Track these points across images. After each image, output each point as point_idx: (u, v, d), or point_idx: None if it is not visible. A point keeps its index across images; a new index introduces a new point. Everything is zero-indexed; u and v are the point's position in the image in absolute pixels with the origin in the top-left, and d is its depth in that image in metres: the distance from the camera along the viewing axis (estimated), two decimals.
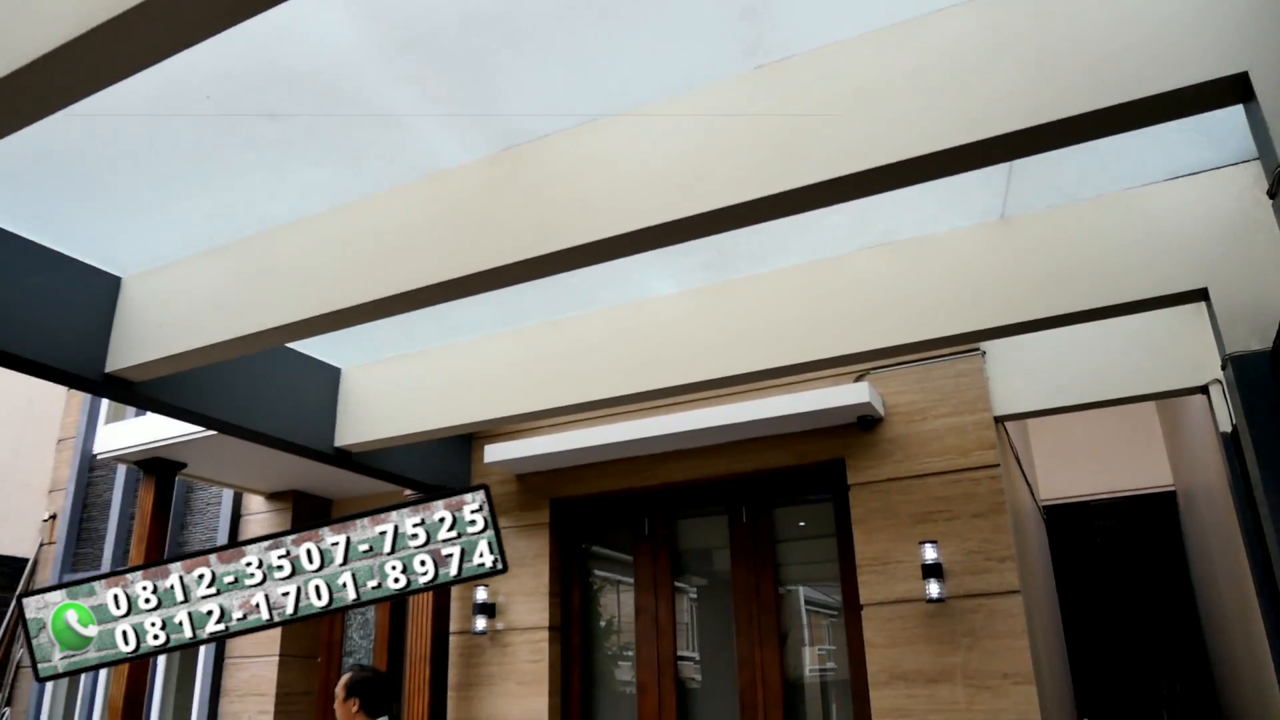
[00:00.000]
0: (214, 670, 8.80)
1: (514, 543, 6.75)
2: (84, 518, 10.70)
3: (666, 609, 6.41)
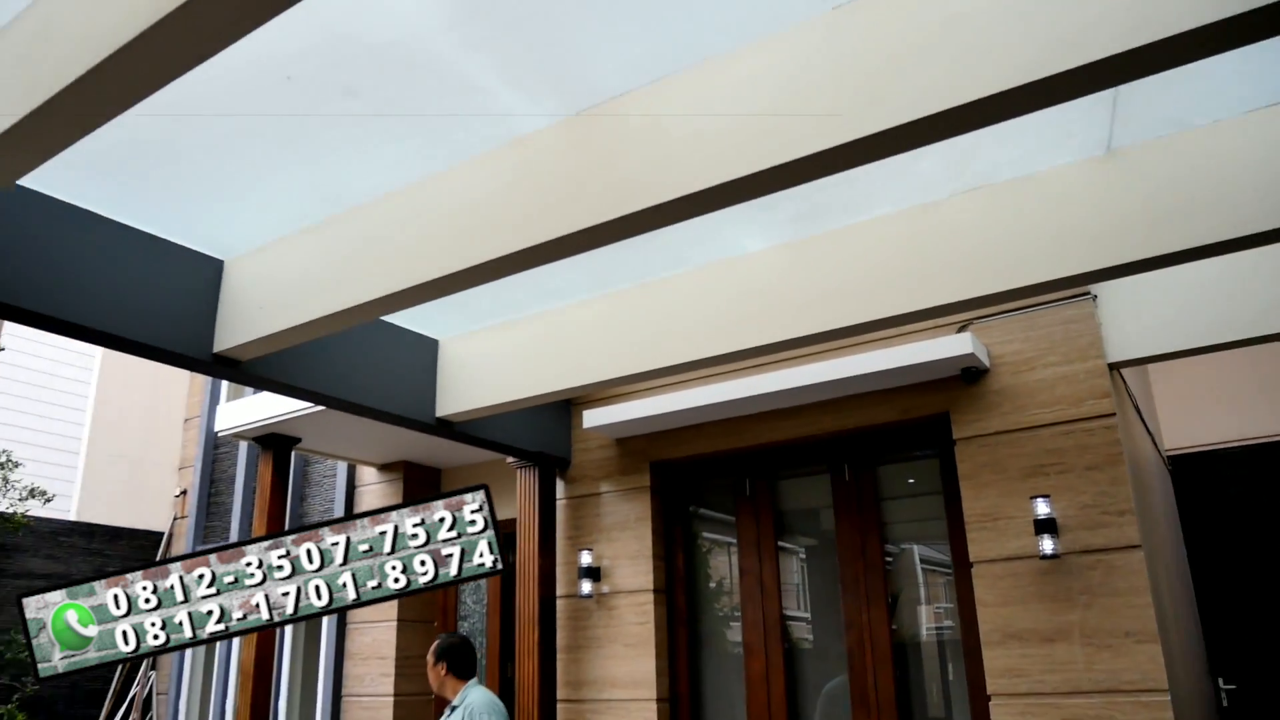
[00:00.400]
0: (338, 635, 9.17)
1: (615, 506, 6.79)
2: (211, 492, 11.24)
3: (771, 570, 6.35)
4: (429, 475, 9.51)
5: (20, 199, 3.99)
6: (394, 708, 8.63)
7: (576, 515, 6.96)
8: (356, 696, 8.94)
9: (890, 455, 6.21)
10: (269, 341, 4.50)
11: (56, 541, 10.57)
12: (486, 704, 4.35)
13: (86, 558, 10.77)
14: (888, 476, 6.21)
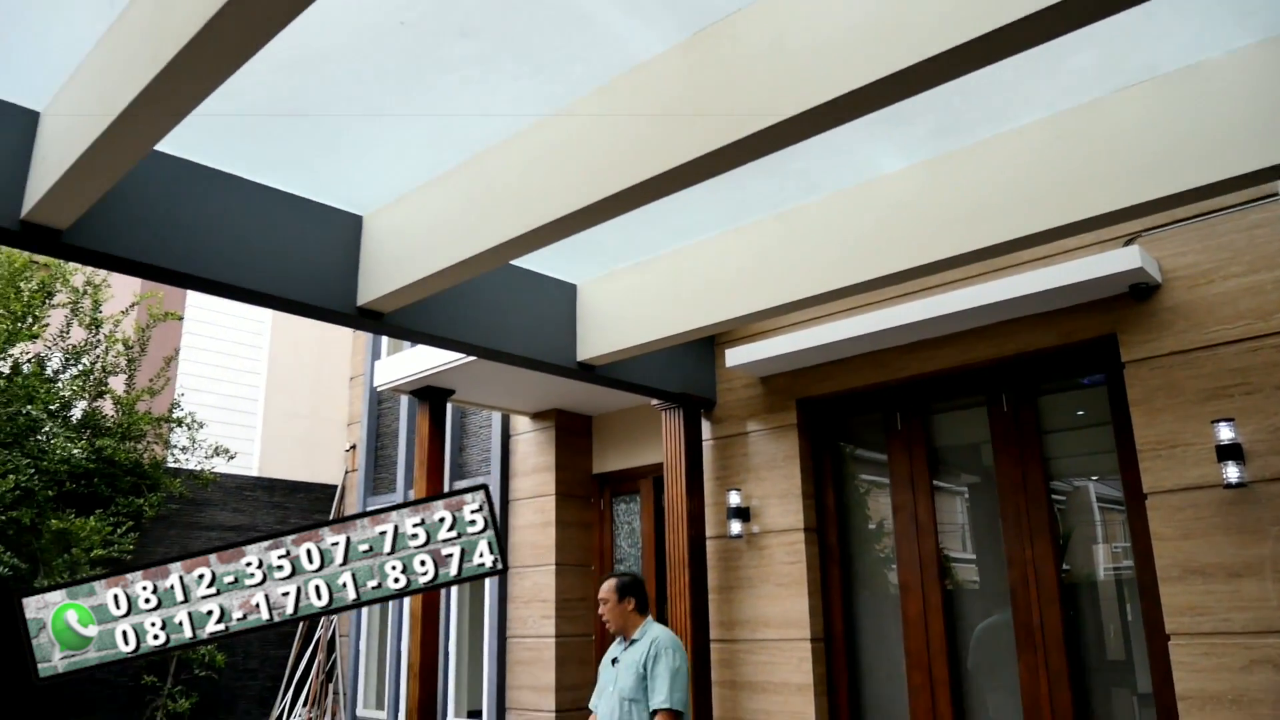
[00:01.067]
0: (500, 580, 9.47)
1: (762, 445, 6.68)
2: (378, 446, 11.77)
3: (926, 506, 6.12)
4: (580, 422, 9.65)
5: (165, 165, 4.18)
6: (556, 648, 8.88)
7: (724, 455, 6.89)
8: (520, 638, 9.24)
9: (1052, 382, 5.84)
10: (408, 292, 4.59)
11: (242, 496, 11.34)
12: (674, 640, 4.44)
13: (269, 510, 11.52)
14: (1049, 405, 5.84)
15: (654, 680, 4.24)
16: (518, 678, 9.16)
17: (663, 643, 4.37)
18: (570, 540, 9.29)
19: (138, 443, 9.75)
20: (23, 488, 7.87)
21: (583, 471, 9.59)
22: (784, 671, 6.21)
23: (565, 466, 9.44)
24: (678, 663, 4.31)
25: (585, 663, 9.06)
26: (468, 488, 2.69)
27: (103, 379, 9.49)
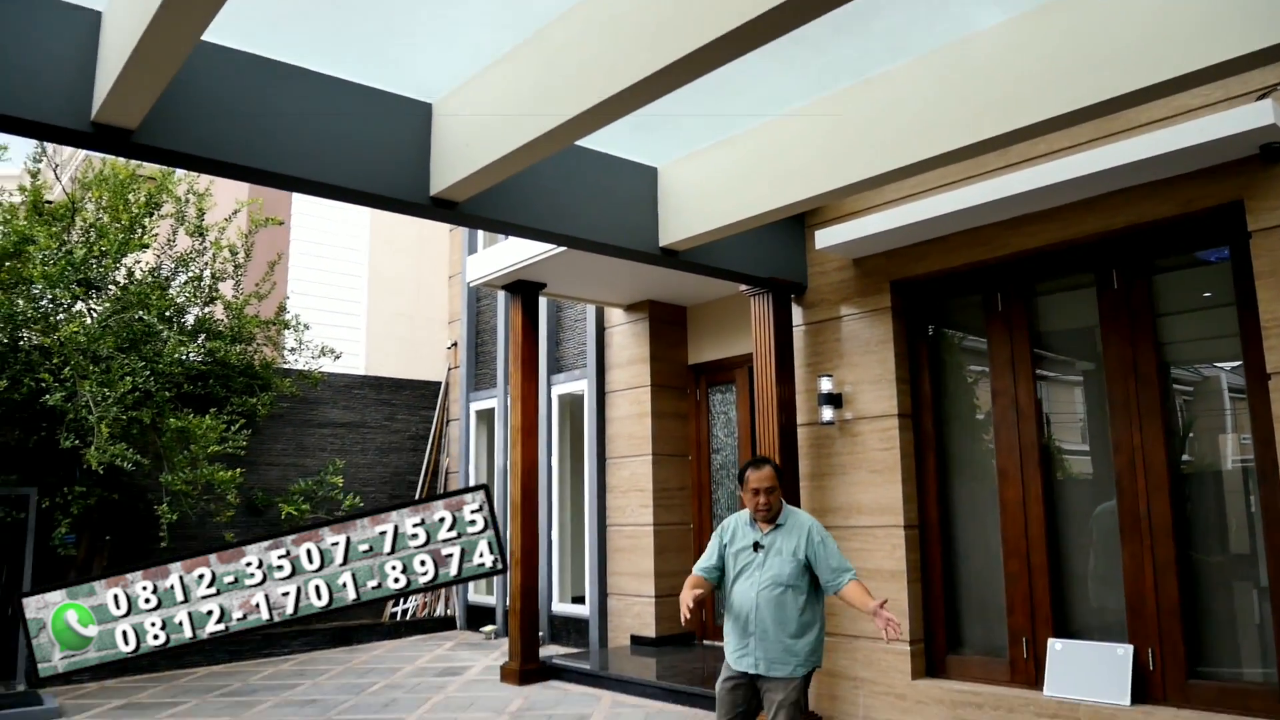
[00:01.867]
0: (598, 470, 9.59)
1: (855, 330, 6.46)
2: (478, 342, 11.95)
3: (1027, 391, 5.84)
4: (674, 313, 9.55)
5: (231, 60, 4.13)
6: (654, 536, 9.00)
7: (815, 341, 6.70)
8: (620, 526, 9.39)
9: (1168, 256, 5.42)
10: (481, 178, 4.50)
11: (350, 394, 11.70)
12: (816, 521, 4.35)
13: (377, 407, 11.87)
14: (1164, 281, 5.44)
15: (830, 558, 4.21)
16: (618, 565, 9.35)
17: (817, 525, 4.33)
18: (666, 431, 9.31)
19: (248, 345, 10.09)
20: (141, 389, 8.24)
21: (678, 363, 9.53)
22: (877, 558, 6.12)
23: (660, 358, 9.39)
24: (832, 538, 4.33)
25: (684, 550, 9.16)
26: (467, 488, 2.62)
27: (213, 285, 9.80)
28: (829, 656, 6.30)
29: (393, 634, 10.91)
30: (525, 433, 8.57)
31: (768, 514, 4.28)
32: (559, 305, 10.62)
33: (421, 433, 12.25)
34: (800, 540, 4.23)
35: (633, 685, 7.55)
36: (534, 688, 7.99)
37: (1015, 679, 5.69)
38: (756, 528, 4.33)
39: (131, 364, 8.14)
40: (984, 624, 5.99)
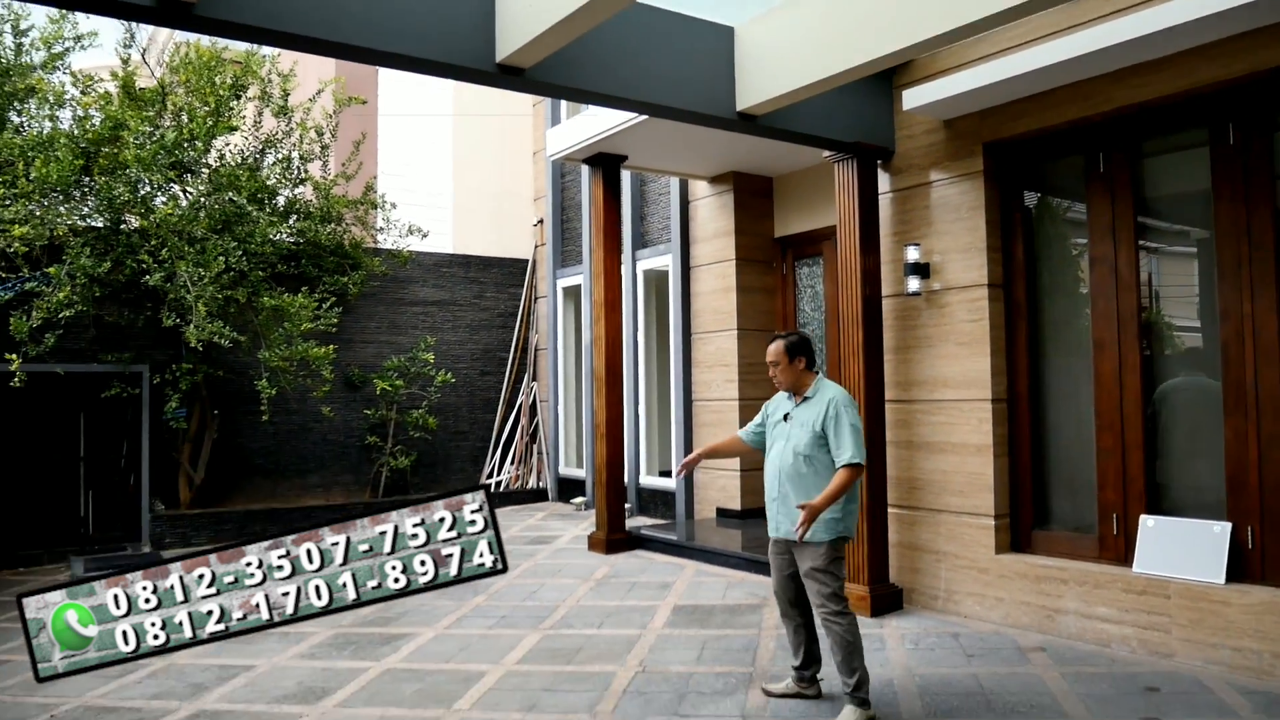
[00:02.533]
0: (684, 345, 9.55)
1: (945, 196, 6.14)
2: (563, 219, 11.88)
3: (1128, 257, 5.48)
4: (759, 184, 9.26)
5: None
6: (739, 410, 8.97)
7: (902, 209, 6.41)
8: (705, 401, 9.38)
9: None
10: (546, 41, 4.33)
11: (439, 272, 11.82)
12: (848, 396, 4.40)
13: (466, 285, 11.99)
14: None
15: (838, 438, 4.26)
16: (704, 439, 9.38)
17: (840, 401, 4.34)
18: (752, 305, 9.16)
19: (337, 225, 10.24)
20: (235, 269, 8.47)
21: (763, 235, 9.29)
22: (962, 432, 5.96)
23: (745, 231, 9.17)
24: (856, 419, 4.32)
25: None
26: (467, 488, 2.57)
27: (301, 166, 9.91)
28: (910, 530, 6.24)
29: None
30: (608, 307, 8.55)
31: (781, 386, 4.50)
32: (643, 179, 10.42)
33: (510, 310, 12.37)
34: (820, 413, 4.33)
35: (715, 555, 7.66)
36: (620, 556, 8.20)
37: (1103, 555, 5.54)
38: (791, 400, 4.49)
39: (224, 245, 8.34)
40: (1072, 500, 5.82)
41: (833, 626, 4.23)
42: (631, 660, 5.26)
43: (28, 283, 8.13)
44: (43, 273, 8.13)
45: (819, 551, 4.26)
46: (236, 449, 10.27)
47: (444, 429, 11.59)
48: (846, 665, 4.22)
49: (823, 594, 4.27)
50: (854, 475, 4.19)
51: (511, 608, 6.59)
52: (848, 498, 4.29)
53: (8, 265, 8.16)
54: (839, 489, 4.15)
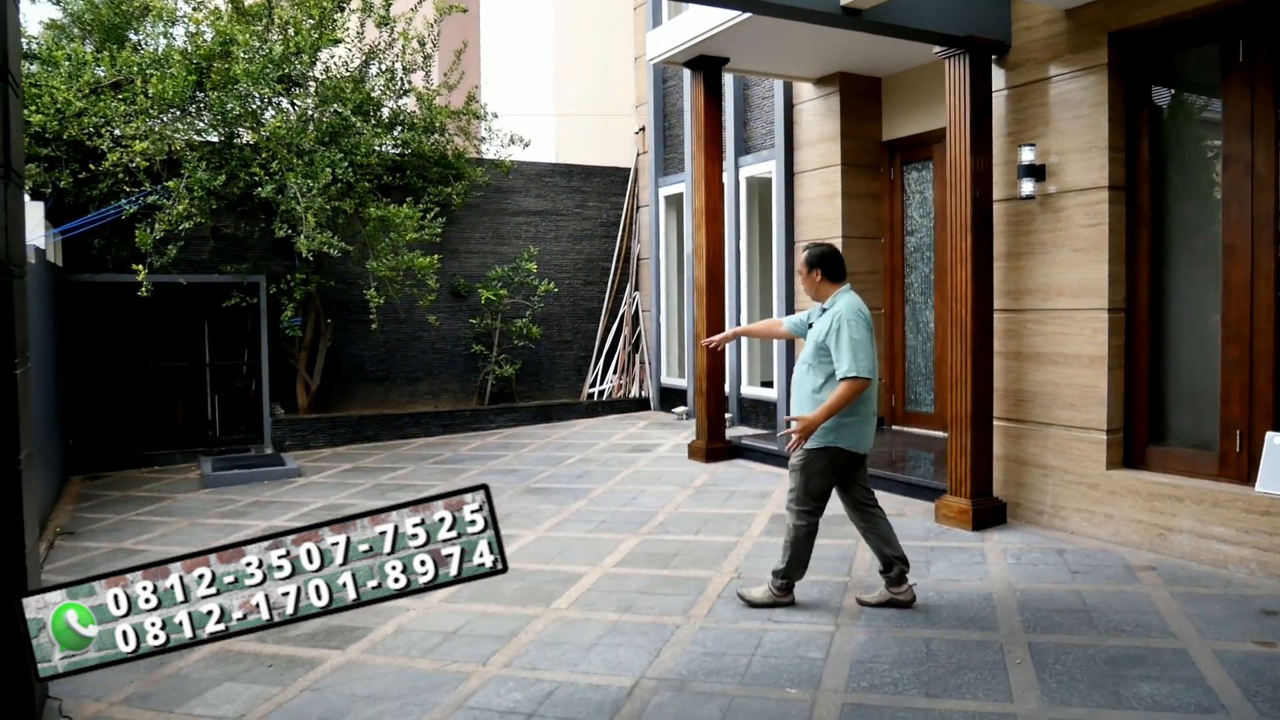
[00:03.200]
0: (786, 254, 9.37)
1: (1064, 92, 5.76)
2: (665, 126, 11.68)
3: (1267, 156, 5.06)
4: (867, 86, 8.88)
5: None
6: None
7: (1017, 108, 6.06)
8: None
9: None
10: None
11: (542, 182, 11.81)
12: (855, 309, 4.43)
13: (568, 194, 11.96)
14: None
15: (837, 351, 4.33)
16: None
17: (845, 314, 4.39)
18: (858, 211, 8.89)
19: (440, 135, 10.30)
20: (342, 180, 8.63)
21: (870, 139, 8.95)
22: (1075, 343, 5.70)
23: (852, 135, 8.84)
24: (857, 332, 4.34)
25: (876, 337, 8.91)
26: (467, 488, 2.53)
27: (404, 77, 9.95)
28: (1016, 443, 6.06)
29: (590, 413, 11.46)
30: (709, 216, 8.42)
31: (809, 297, 4.65)
32: (746, 83, 10.13)
33: (612, 219, 12.32)
34: (826, 325, 4.42)
35: None
36: (719, 465, 8.24)
37: (1223, 473, 5.27)
38: (819, 309, 4.62)
39: (331, 156, 8.49)
40: (1192, 415, 5.53)
41: (788, 519, 4.54)
42: (727, 566, 5.31)
43: (149, 196, 8.46)
44: (163, 187, 8.45)
45: (803, 455, 4.45)
46: (350, 357, 10.64)
47: (547, 338, 11.74)
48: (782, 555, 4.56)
49: (790, 494, 4.54)
50: (851, 389, 4.25)
51: (611, 513, 6.71)
52: (846, 411, 4.34)
53: (131, 180, 8.50)
54: (833, 403, 4.26)
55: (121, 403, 9.47)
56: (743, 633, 4.31)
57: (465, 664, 4.09)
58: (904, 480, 6.80)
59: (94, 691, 3.91)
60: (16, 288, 3.65)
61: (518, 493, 7.54)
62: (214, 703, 3.80)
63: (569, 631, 4.43)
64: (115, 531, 6.83)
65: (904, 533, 5.81)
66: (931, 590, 4.79)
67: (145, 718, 3.70)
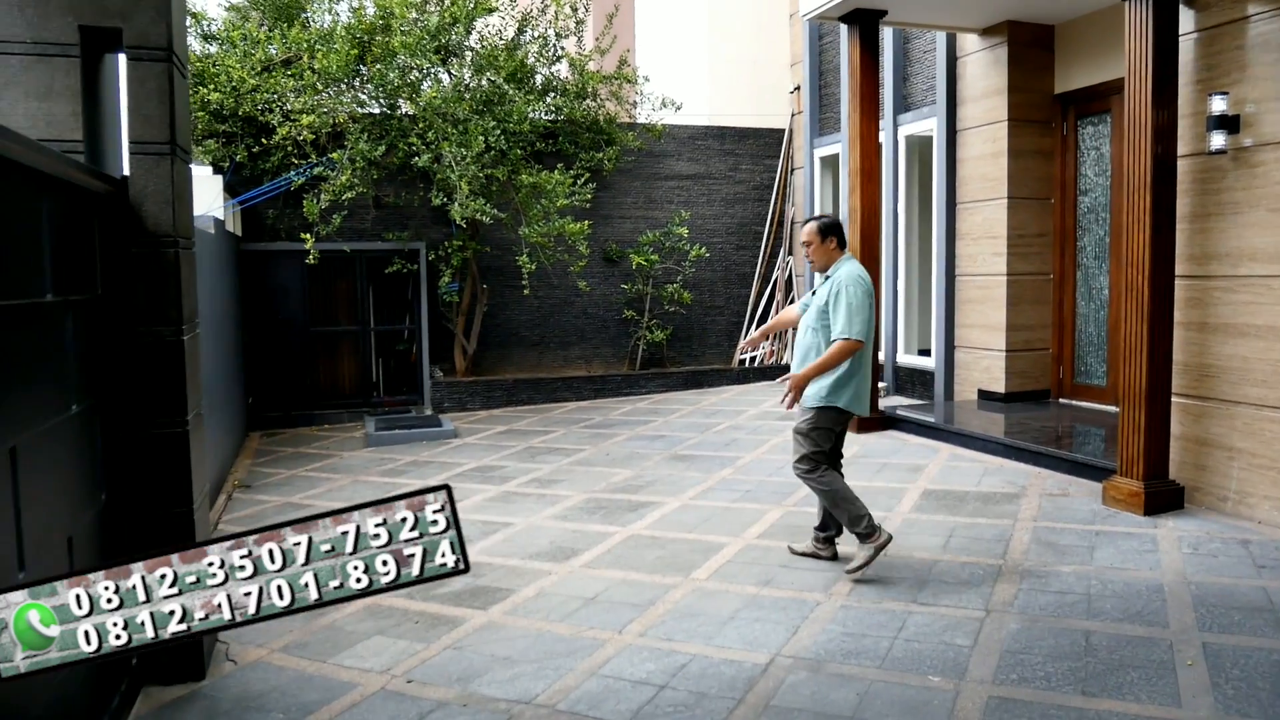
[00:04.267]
0: (947, 215, 8.93)
1: (1265, 32, 5.18)
2: (821, 85, 11.30)
3: None
4: (1038, 34, 8.30)
5: None
6: (1007, 286, 8.32)
7: (1207, 52, 5.49)
8: (970, 276, 8.78)
9: None
10: None
11: (694, 145, 11.66)
12: (855, 275, 4.57)
13: (721, 158, 11.77)
14: None
15: (835, 313, 4.52)
16: (966, 316, 8.83)
17: (845, 279, 4.56)
18: (1025, 171, 8.36)
19: (592, 100, 10.31)
20: (495, 148, 8.77)
21: (1041, 92, 8.37)
22: (1271, 314, 5.16)
23: (1020, 88, 8.30)
24: (854, 298, 4.50)
25: (1041, 302, 8.43)
26: (429, 488, 2.45)
27: (557, 43, 10.00)
28: (1198, 422, 5.57)
29: (741, 379, 11.33)
30: (864, 177, 8.10)
31: (815, 267, 4.80)
32: (905, 36, 9.65)
33: (766, 182, 12.07)
34: (828, 290, 4.59)
35: (973, 439, 7.26)
36: (872, 436, 7.98)
37: None
38: (820, 279, 4.78)
39: (485, 125, 8.63)
40: None
41: (809, 481, 4.67)
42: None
43: (315, 168, 8.83)
44: (327, 158, 8.81)
45: (809, 416, 4.65)
46: (505, 321, 10.88)
47: (698, 304, 11.66)
48: (836, 512, 4.65)
49: (797, 453, 4.70)
50: (844, 350, 4.47)
51: (757, 483, 6.61)
52: (846, 372, 4.56)
53: (299, 153, 8.90)
54: (824, 361, 4.50)
55: (295, 364, 10.02)
56: (885, 613, 4.15)
57: (601, 631, 4.10)
58: (1068, 458, 6.38)
59: (256, 638, 4.15)
60: (184, 258, 3.86)
61: (664, 459, 7.53)
62: (363, 655, 3.96)
63: (706, 603, 4.37)
64: (285, 486, 7.24)
65: (1067, 515, 5.47)
66: (1094, 579, 4.47)
67: (300, 665, 3.90)
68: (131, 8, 3.63)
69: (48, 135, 3.55)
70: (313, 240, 8.64)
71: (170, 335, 3.76)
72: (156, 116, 3.71)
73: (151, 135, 3.71)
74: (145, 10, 3.64)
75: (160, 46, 3.67)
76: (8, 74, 3.53)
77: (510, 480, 7.02)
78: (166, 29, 3.68)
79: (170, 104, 3.73)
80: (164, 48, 3.68)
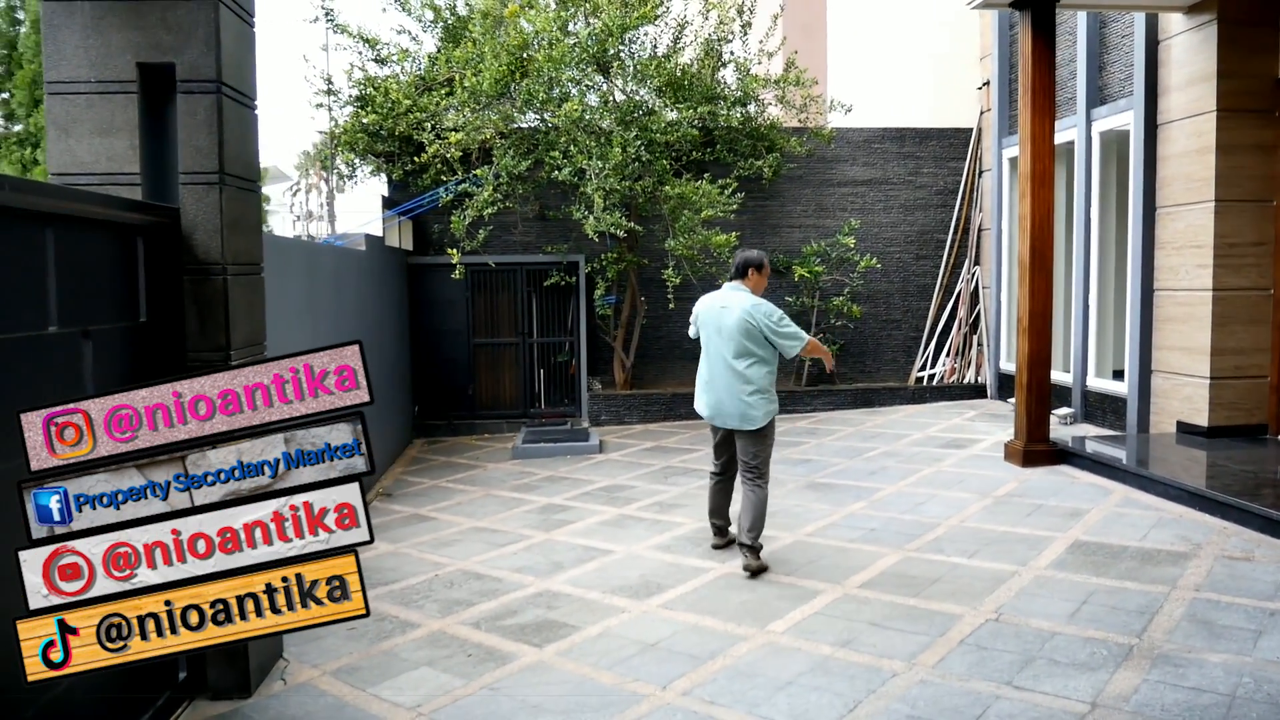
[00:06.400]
0: (1144, 222, 7.85)
1: None
2: (1011, 80, 10.31)
3: None
4: (1256, 7, 7.12)
5: None
6: (1213, 303, 7.17)
7: None
8: (1169, 291, 7.66)
9: None
10: None
11: (869, 149, 10.90)
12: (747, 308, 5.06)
13: (899, 161, 10.93)
14: None
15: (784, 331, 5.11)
16: (1165, 337, 7.72)
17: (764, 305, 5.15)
18: (1238, 169, 7.20)
19: (755, 105, 9.87)
20: (636, 160, 8.47)
21: (1259, 77, 7.18)
22: None
23: (1233, 73, 7.15)
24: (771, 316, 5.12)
25: (1256, 321, 7.24)
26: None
27: (718, 47, 9.63)
28: None
29: (915, 399, 10.52)
30: (1035, 181, 7.25)
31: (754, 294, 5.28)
32: (1101, 20, 8.59)
33: (950, 187, 11.15)
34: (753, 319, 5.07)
35: (1151, 482, 6.26)
36: (1036, 471, 7.09)
37: None
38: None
39: (624, 137, 8.41)
40: None
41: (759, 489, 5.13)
42: (988, 604, 4.44)
43: (460, 185, 8.93)
44: (473, 175, 8.88)
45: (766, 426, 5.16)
46: (666, 334, 10.63)
47: (873, 317, 10.94)
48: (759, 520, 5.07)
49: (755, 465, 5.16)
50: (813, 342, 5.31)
51: (886, 519, 6.00)
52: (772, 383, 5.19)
53: (448, 169, 9.04)
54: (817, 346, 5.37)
55: (458, 375, 10.24)
56: (968, 695, 3.53)
57: (644, 684, 3.76)
58: (1262, 513, 5.29)
59: (317, 658, 4.13)
60: (235, 284, 3.86)
61: (798, 487, 7.03)
62: (403, 686, 3.84)
63: (770, 662, 3.92)
64: (420, 497, 7.33)
65: (1241, 586, 4.52)
66: (1249, 674, 3.61)
67: (341, 692, 3.82)
68: (183, 43, 3.70)
69: (109, 169, 3.70)
70: (458, 255, 8.74)
71: (220, 360, 3.78)
72: (206, 147, 3.76)
73: (201, 165, 3.77)
74: (195, 45, 3.70)
75: (209, 78, 3.72)
76: (75, 112, 3.68)
77: (632, 503, 6.76)
78: (215, 61, 3.72)
79: (219, 134, 3.76)
80: (213, 79, 3.72)
